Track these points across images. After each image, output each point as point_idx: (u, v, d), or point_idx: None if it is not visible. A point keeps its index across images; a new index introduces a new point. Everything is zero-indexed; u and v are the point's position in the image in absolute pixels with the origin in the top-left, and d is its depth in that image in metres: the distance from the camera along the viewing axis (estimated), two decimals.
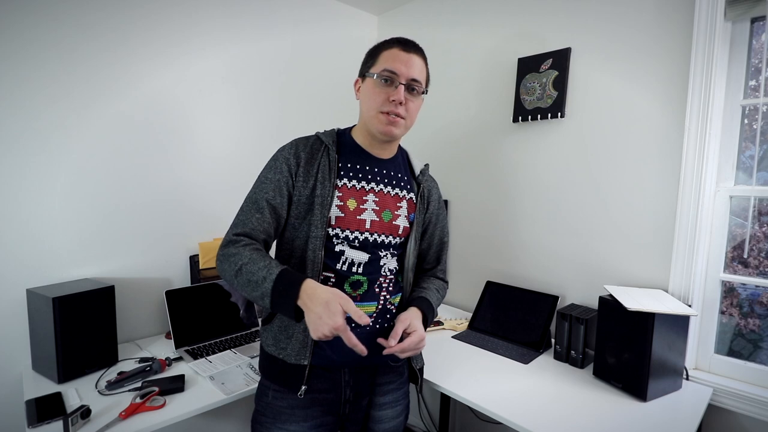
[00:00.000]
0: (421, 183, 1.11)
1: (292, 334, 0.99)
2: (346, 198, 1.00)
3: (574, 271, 1.64)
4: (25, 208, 1.36)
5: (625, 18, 1.46)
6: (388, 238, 1.04)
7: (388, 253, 1.05)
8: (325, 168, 0.99)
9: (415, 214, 1.08)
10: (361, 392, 1.05)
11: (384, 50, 0.99)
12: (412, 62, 0.97)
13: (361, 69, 1.05)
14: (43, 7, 1.35)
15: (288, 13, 1.99)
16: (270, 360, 1.03)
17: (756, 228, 1.33)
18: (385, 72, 0.96)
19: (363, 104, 1.02)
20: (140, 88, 1.57)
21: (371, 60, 1.01)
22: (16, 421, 1.35)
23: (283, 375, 1.00)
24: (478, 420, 1.90)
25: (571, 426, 1.08)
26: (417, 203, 1.09)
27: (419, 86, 0.99)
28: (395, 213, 1.05)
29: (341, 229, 0.99)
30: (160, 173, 1.65)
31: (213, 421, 1.82)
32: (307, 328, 0.94)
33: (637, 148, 1.46)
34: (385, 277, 1.05)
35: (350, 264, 1.00)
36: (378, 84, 0.97)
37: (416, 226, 1.09)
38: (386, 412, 1.10)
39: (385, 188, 1.05)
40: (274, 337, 1.02)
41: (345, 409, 1.04)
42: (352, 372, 1.03)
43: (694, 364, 1.39)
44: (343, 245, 1.00)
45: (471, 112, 1.97)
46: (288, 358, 0.98)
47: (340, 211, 0.99)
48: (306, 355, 0.97)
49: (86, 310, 1.30)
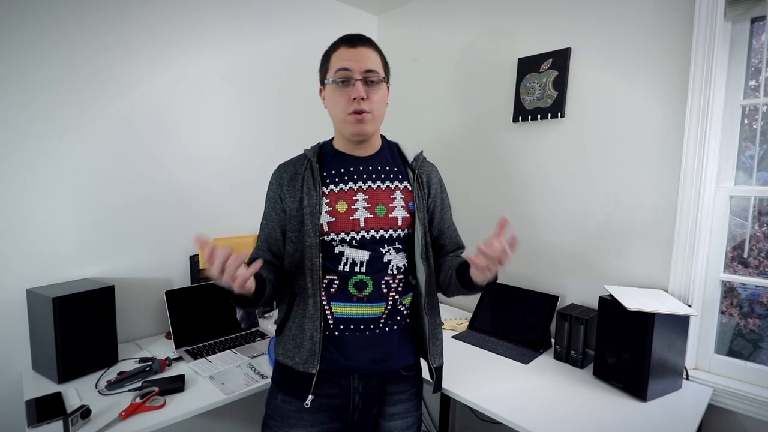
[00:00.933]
0: (416, 169, 1.08)
1: (301, 343, 1.00)
2: (335, 202, 1.00)
3: (574, 271, 1.64)
4: (25, 207, 1.36)
5: (625, 18, 1.46)
6: (388, 233, 1.02)
7: (392, 248, 1.03)
8: (309, 179, 1.01)
9: (414, 201, 1.06)
10: (371, 400, 1.03)
11: (332, 53, 1.00)
12: (360, 55, 0.96)
13: (320, 78, 1.05)
14: (43, 7, 1.35)
15: (288, 13, 1.99)
16: (281, 368, 1.05)
17: (756, 228, 1.33)
18: (338, 73, 0.96)
19: (331, 112, 1.02)
20: (140, 88, 1.57)
21: (324, 66, 1.02)
22: (16, 421, 1.35)
23: (292, 383, 1.01)
24: (478, 420, 1.90)
25: (571, 426, 1.08)
26: (414, 190, 1.06)
27: (376, 75, 0.98)
28: (390, 206, 1.03)
29: (336, 233, 0.99)
30: (160, 173, 1.65)
31: (213, 421, 1.82)
32: (313, 335, 0.98)
33: (637, 148, 1.46)
34: (392, 276, 1.03)
35: (352, 264, 1.00)
36: (336, 88, 0.97)
37: (419, 213, 1.05)
38: (396, 423, 1.07)
39: (374, 183, 1.04)
40: (284, 347, 1.04)
41: (353, 416, 1.02)
42: (362, 378, 1.01)
43: (694, 364, 1.39)
44: (342, 246, 1.00)
45: (471, 112, 1.97)
46: (297, 366, 1.00)
47: (330, 217, 1.00)
48: (314, 363, 0.98)
49: (86, 310, 1.30)
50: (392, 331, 1.03)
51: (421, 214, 1.06)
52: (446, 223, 1.16)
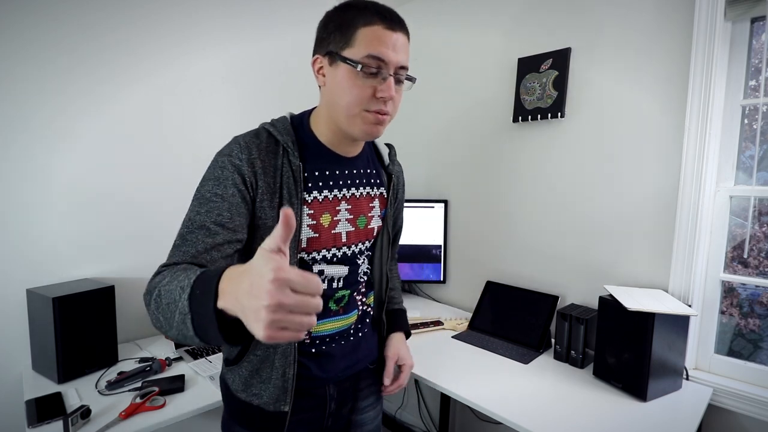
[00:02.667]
0: (392, 173, 0.98)
1: (269, 377, 0.81)
2: (319, 214, 0.83)
3: (574, 271, 1.64)
4: (25, 207, 1.36)
5: (625, 18, 1.46)
6: (365, 244, 0.93)
7: (364, 257, 0.95)
8: (288, 180, 0.79)
9: (386, 209, 0.96)
10: (345, 401, 0.97)
11: (361, 25, 0.74)
12: (399, 44, 0.76)
13: (322, 43, 0.79)
14: (43, 7, 1.35)
15: (288, 13, 1.99)
16: (242, 405, 0.85)
17: (756, 228, 1.33)
18: (370, 60, 0.74)
19: (338, 98, 0.78)
20: (140, 88, 1.57)
21: (342, 36, 0.75)
22: (16, 421, 1.35)
23: (259, 423, 0.85)
24: (478, 420, 1.90)
25: (571, 426, 1.08)
26: (388, 197, 0.96)
27: (406, 75, 0.80)
28: (369, 215, 0.92)
29: (317, 251, 0.83)
30: (160, 172, 1.65)
31: (213, 421, 1.82)
32: (286, 371, 0.80)
33: (637, 148, 1.46)
34: (361, 283, 0.96)
35: (330, 281, 0.88)
36: (359, 75, 0.75)
37: (389, 220, 0.98)
38: (368, 414, 1.04)
39: (357, 190, 0.90)
40: (244, 382, 0.84)
41: (327, 422, 0.95)
42: (336, 384, 0.94)
43: (694, 364, 1.39)
44: (320, 264, 0.85)
45: (471, 112, 1.97)
46: (266, 406, 0.82)
47: (312, 231, 0.82)
48: (287, 400, 0.82)
49: (86, 310, 1.30)
50: (363, 334, 0.98)
51: (389, 222, 0.99)
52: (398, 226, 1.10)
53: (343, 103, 0.77)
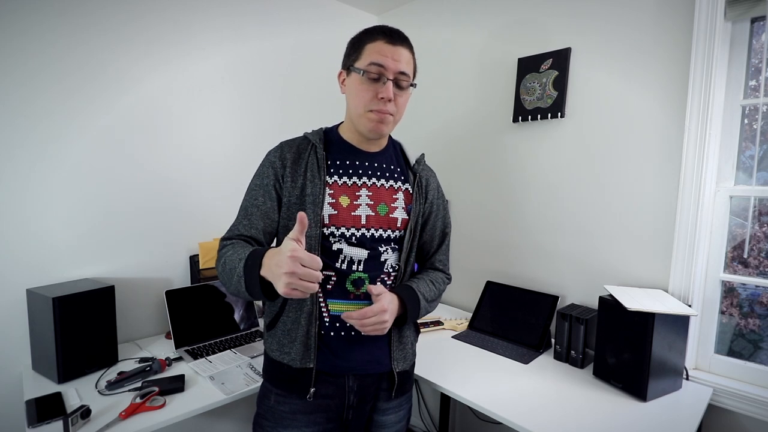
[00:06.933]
0: (417, 172, 1.07)
1: (296, 337, 0.97)
2: (338, 195, 0.97)
3: (574, 271, 1.64)
4: (25, 207, 1.36)
5: (625, 18, 1.46)
6: (386, 233, 1.01)
7: (389, 248, 1.02)
8: (313, 166, 0.97)
9: (412, 204, 1.05)
10: (366, 397, 1.02)
11: (368, 42, 0.94)
12: (399, 54, 0.93)
13: (344, 60, 1.00)
14: (43, 7, 1.35)
15: (288, 14, 1.99)
16: (275, 366, 1.01)
17: (756, 228, 1.33)
18: (372, 67, 0.91)
19: (350, 101, 0.98)
20: (140, 88, 1.57)
21: (355, 52, 0.96)
22: (16, 421, 1.35)
23: (289, 380, 0.98)
24: (478, 420, 1.90)
25: (571, 426, 1.08)
26: (414, 193, 1.05)
27: (407, 80, 0.96)
28: (391, 206, 1.02)
29: (336, 227, 0.96)
30: (160, 173, 1.65)
31: (213, 421, 1.82)
32: (309, 330, 0.96)
33: (637, 148, 1.46)
34: (387, 274, 1.02)
35: (350, 262, 0.98)
36: (364, 80, 0.93)
37: (413, 216, 1.04)
38: (390, 417, 1.07)
39: (378, 181, 1.02)
40: (278, 341, 1.00)
41: (348, 414, 1.01)
42: (357, 378, 1.00)
43: (694, 364, 1.39)
44: (340, 243, 0.97)
45: (471, 113, 1.97)
46: (293, 363, 0.97)
47: (332, 209, 0.96)
48: (311, 357, 0.96)
49: (86, 310, 1.30)
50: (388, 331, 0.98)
51: (415, 219, 1.05)
52: (437, 232, 1.13)
53: (353, 104, 0.97)
